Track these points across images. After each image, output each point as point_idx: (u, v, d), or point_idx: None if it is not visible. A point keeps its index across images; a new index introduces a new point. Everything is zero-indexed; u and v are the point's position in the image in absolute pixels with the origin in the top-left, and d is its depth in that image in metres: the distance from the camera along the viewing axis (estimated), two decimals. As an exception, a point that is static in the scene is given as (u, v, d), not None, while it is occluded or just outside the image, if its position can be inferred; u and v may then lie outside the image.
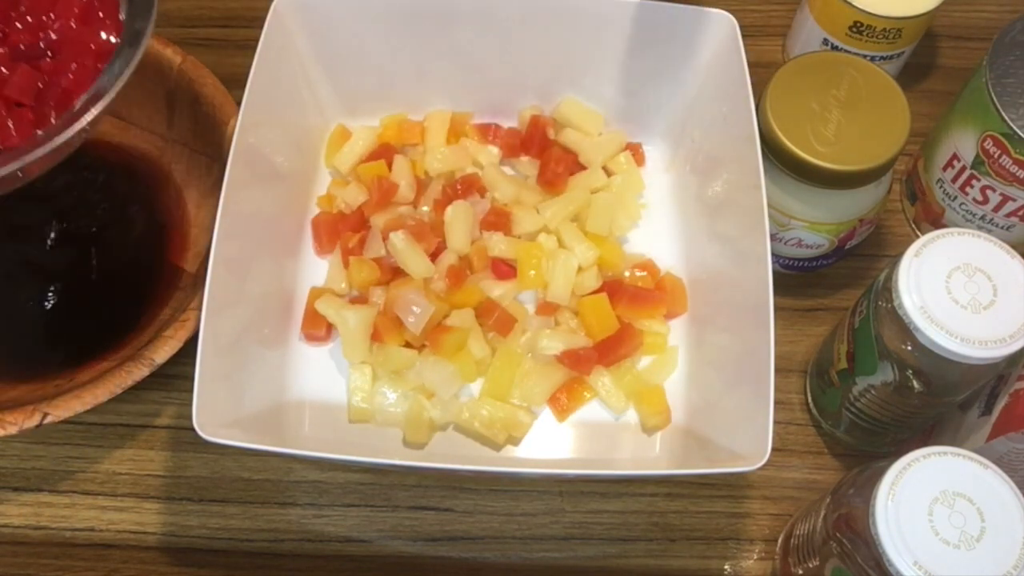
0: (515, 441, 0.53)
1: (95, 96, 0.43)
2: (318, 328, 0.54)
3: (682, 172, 0.60)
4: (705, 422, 0.51)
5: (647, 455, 0.53)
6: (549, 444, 0.53)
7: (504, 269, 0.55)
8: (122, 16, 0.47)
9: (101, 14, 0.46)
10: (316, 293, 0.55)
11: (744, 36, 0.53)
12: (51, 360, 0.54)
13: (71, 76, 0.45)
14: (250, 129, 0.50)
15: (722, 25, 0.54)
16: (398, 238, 0.54)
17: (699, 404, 0.53)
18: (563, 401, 0.53)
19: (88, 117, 0.43)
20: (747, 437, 0.45)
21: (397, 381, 0.53)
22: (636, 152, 0.61)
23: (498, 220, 0.56)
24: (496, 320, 0.53)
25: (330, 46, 0.57)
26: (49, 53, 0.46)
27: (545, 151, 0.59)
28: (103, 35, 0.46)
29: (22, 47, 0.45)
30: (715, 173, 0.56)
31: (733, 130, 0.52)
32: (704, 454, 0.50)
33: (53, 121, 0.44)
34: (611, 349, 0.53)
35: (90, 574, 0.51)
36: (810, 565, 0.45)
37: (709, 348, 0.54)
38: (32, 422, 0.48)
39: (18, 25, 0.46)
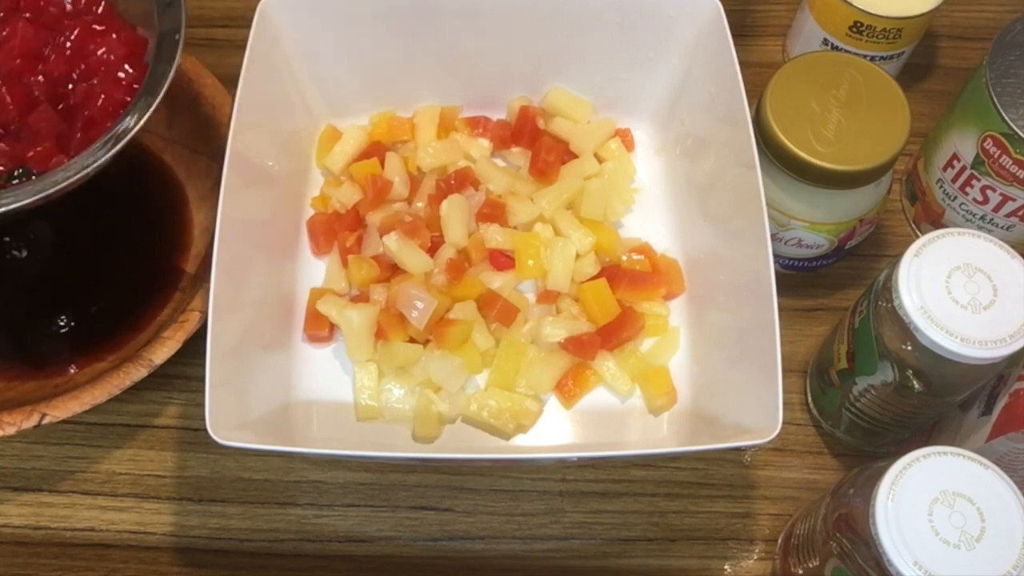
0: (524, 430, 0.53)
1: (116, 135, 0.47)
2: (321, 329, 0.54)
3: (672, 155, 0.60)
4: (711, 400, 0.52)
5: (655, 436, 0.53)
6: (558, 431, 0.53)
7: (502, 260, 0.56)
8: (147, 59, 0.51)
9: (130, 56, 0.51)
10: (317, 294, 0.55)
11: (744, 36, 0.53)
12: (50, 360, 0.54)
13: (99, 104, 0.49)
14: (243, 133, 0.50)
15: (706, 6, 0.54)
16: (391, 240, 0.54)
17: (704, 383, 0.53)
18: (569, 387, 0.53)
19: (107, 156, 0.46)
20: (756, 411, 0.45)
21: (403, 377, 0.53)
22: (626, 138, 0.61)
23: (493, 212, 0.56)
24: (498, 311, 0.53)
25: (316, 46, 0.57)
26: (75, 79, 0.50)
27: (536, 141, 0.59)
28: (130, 71, 0.51)
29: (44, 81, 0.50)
30: (706, 154, 0.56)
31: (721, 110, 0.53)
32: (712, 432, 0.50)
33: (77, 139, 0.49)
34: (614, 333, 0.54)
35: (90, 574, 0.51)
36: (810, 565, 0.45)
37: (710, 327, 0.54)
38: (31, 422, 0.48)
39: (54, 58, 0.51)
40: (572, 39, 0.57)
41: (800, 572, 0.47)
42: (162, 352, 0.50)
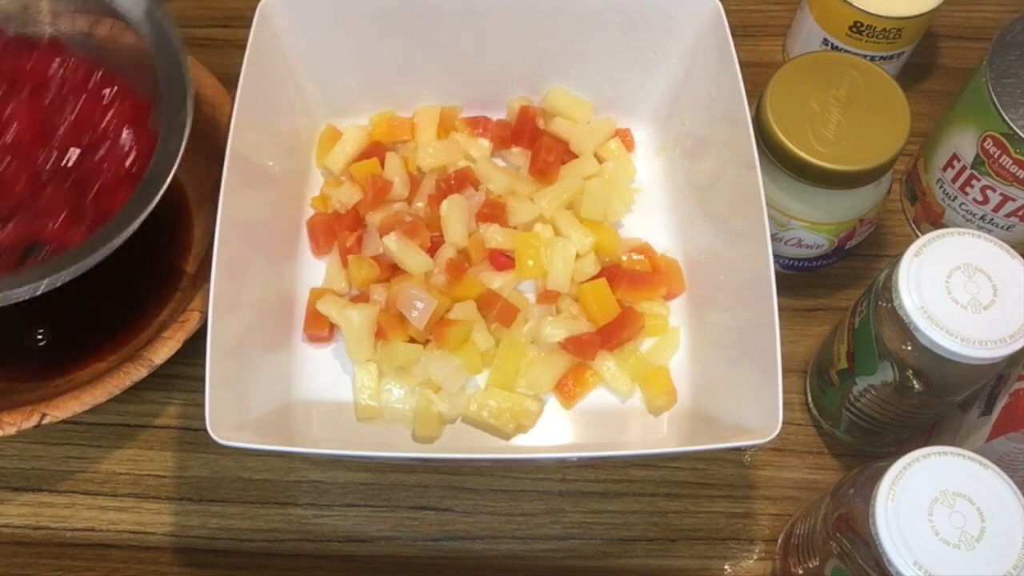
0: (524, 430, 0.53)
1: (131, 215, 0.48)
2: (321, 329, 0.54)
3: (672, 155, 0.60)
4: (711, 400, 0.52)
5: (655, 436, 0.53)
6: (558, 432, 0.53)
7: (502, 260, 0.56)
8: (157, 127, 0.51)
9: (134, 123, 0.51)
10: (317, 294, 0.55)
11: (744, 36, 0.53)
12: (50, 360, 0.54)
13: (109, 176, 0.50)
14: (243, 133, 0.50)
15: (706, 6, 0.54)
16: (391, 240, 0.54)
17: (704, 383, 0.53)
18: (569, 387, 0.53)
19: (124, 235, 0.47)
20: (756, 411, 0.45)
21: (403, 377, 0.53)
22: (626, 137, 0.61)
23: (493, 212, 0.57)
24: (498, 311, 0.53)
25: (316, 46, 0.57)
26: (81, 150, 0.51)
27: (536, 141, 0.59)
28: (135, 138, 0.51)
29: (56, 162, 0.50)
30: (706, 154, 0.56)
31: (721, 110, 0.53)
32: (712, 432, 0.50)
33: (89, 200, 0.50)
34: (614, 333, 0.54)
35: (90, 574, 0.51)
36: (810, 565, 0.45)
37: (710, 327, 0.54)
38: (31, 422, 0.48)
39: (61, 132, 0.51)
40: (572, 39, 0.57)
41: (800, 572, 0.47)
42: (162, 352, 0.50)
